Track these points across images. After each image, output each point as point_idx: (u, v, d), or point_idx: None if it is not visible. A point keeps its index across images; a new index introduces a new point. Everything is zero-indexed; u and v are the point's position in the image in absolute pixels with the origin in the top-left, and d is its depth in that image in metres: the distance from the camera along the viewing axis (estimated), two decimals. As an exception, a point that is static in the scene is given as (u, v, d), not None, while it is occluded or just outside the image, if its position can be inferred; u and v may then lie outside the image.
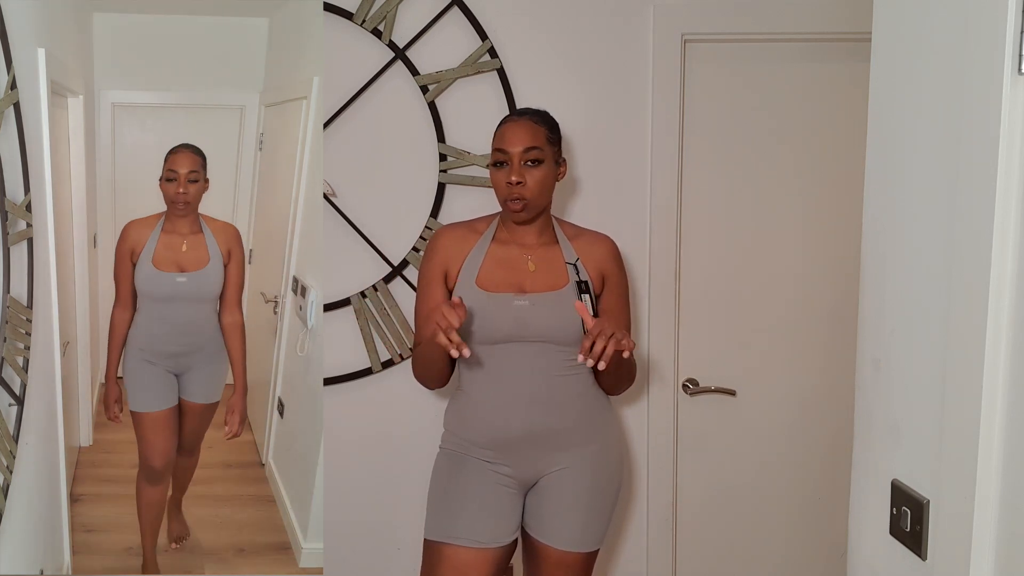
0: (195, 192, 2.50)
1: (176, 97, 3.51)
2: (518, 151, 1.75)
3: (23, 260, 1.84)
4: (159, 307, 2.53)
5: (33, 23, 2.05)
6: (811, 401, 2.36)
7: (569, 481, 1.81)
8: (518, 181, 1.74)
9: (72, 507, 2.51)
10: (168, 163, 2.47)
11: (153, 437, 2.52)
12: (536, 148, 1.76)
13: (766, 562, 2.43)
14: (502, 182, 1.77)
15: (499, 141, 1.78)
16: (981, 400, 0.84)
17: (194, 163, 2.47)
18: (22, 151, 1.80)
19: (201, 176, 2.51)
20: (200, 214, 2.59)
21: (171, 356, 2.56)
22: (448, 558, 1.75)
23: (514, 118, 1.81)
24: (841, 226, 2.27)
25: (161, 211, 2.55)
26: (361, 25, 2.11)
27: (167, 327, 2.54)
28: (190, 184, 2.47)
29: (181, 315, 2.54)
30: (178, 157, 2.46)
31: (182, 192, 2.45)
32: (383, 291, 2.19)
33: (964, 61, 0.85)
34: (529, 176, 1.75)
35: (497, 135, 1.80)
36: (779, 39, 2.23)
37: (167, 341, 2.54)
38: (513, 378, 1.78)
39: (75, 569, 2.48)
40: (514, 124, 1.79)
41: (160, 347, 2.54)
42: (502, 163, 1.77)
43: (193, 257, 2.53)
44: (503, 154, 1.76)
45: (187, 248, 2.52)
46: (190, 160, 2.46)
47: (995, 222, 0.81)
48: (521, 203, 1.75)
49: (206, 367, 2.62)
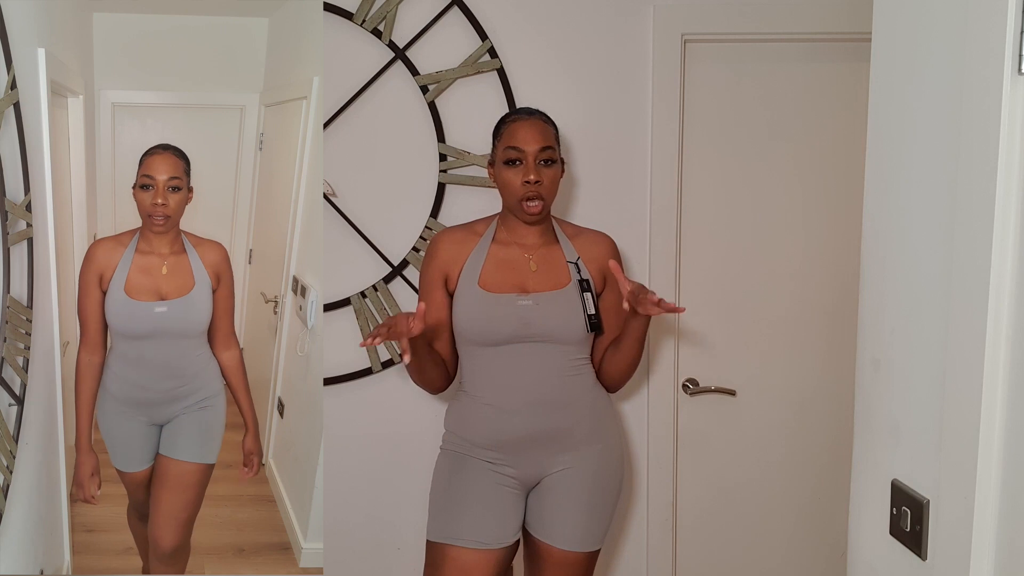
0: (176, 203, 2.06)
1: (176, 97, 3.51)
2: (534, 150, 1.75)
3: (23, 260, 1.84)
4: (134, 346, 2.10)
5: (33, 23, 2.05)
6: (811, 401, 2.36)
7: (572, 481, 1.81)
8: (536, 180, 1.74)
9: (72, 507, 2.51)
10: (143, 167, 2.05)
11: (141, 494, 2.21)
12: (550, 147, 1.77)
13: (766, 562, 2.43)
14: (516, 181, 1.76)
15: (512, 139, 1.77)
16: (981, 400, 0.84)
17: (175, 168, 2.06)
18: (22, 151, 1.80)
19: (184, 184, 2.09)
20: (182, 231, 2.18)
21: (150, 405, 2.13)
22: (451, 559, 1.75)
23: (523, 117, 1.80)
24: (841, 226, 2.27)
25: (135, 227, 2.13)
26: (361, 25, 2.11)
27: (144, 370, 2.10)
28: (171, 193, 2.05)
29: (161, 354, 2.11)
30: (155, 160, 2.05)
31: (160, 204, 2.03)
32: (383, 291, 2.19)
33: (964, 61, 0.85)
34: (545, 175, 1.76)
35: (507, 133, 1.78)
36: (779, 39, 2.23)
37: (145, 387, 2.11)
38: (516, 379, 1.78)
39: (75, 569, 2.47)
40: (526, 123, 1.78)
41: (136, 395, 2.12)
42: (515, 161, 1.76)
43: (175, 283, 2.10)
44: (517, 152, 1.75)
45: (168, 272, 2.10)
46: (170, 164, 2.05)
47: (995, 222, 0.81)
48: (539, 203, 1.76)
49: (194, 417, 2.17)
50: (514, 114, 1.84)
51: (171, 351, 2.13)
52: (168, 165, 2.05)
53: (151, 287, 2.09)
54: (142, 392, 2.12)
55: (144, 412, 2.13)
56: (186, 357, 2.15)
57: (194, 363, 2.17)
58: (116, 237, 2.13)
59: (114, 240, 2.13)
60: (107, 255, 2.08)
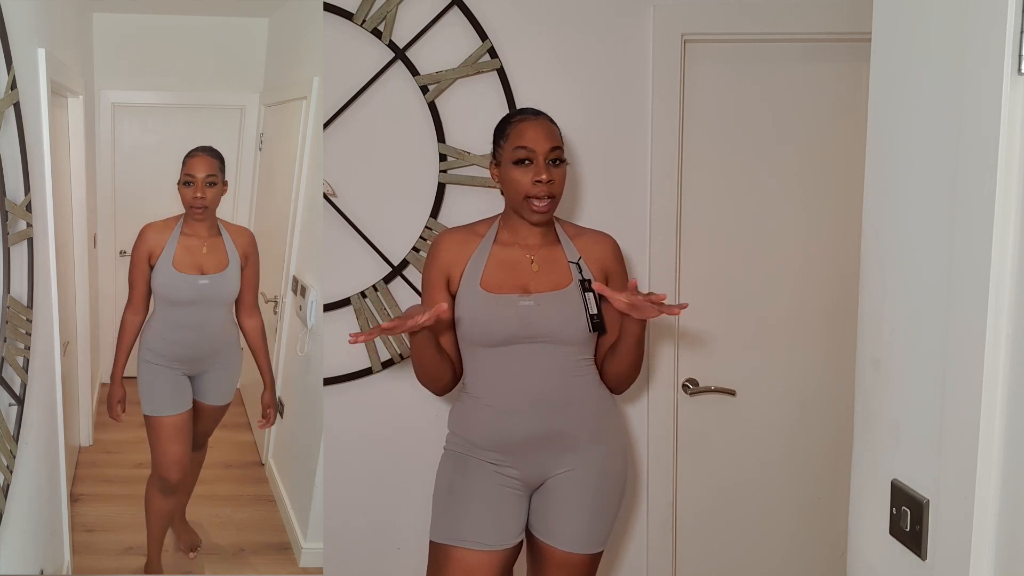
0: (213, 196, 2.50)
1: (176, 97, 3.51)
2: (545, 149, 1.75)
3: (23, 260, 1.84)
4: (178, 311, 2.53)
5: (33, 23, 2.05)
6: (811, 401, 2.36)
7: (576, 482, 1.81)
8: (549, 179, 1.74)
9: (72, 507, 2.51)
10: (186, 167, 2.48)
11: (169, 444, 2.52)
12: (559, 147, 1.78)
13: (766, 562, 2.43)
14: (526, 181, 1.75)
15: (521, 139, 1.76)
16: (981, 400, 0.84)
17: (211, 166, 2.47)
18: (22, 151, 1.80)
19: (219, 179, 2.51)
20: (217, 218, 2.60)
21: (187, 360, 2.56)
22: (455, 560, 1.75)
23: (530, 117, 1.80)
24: (841, 226, 2.27)
25: (178, 214, 2.56)
26: (361, 25, 2.11)
27: (185, 331, 2.54)
28: (208, 188, 2.47)
29: (199, 319, 2.55)
30: (195, 161, 2.46)
31: (200, 196, 2.46)
32: (383, 291, 2.19)
33: (964, 61, 0.85)
34: (555, 174, 1.76)
35: (514, 133, 1.78)
36: (779, 39, 2.23)
37: (185, 345, 2.54)
38: (518, 380, 1.78)
39: (75, 569, 2.47)
40: (535, 123, 1.78)
41: (177, 352, 2.54)
42: (524, 161, 1.76)
43: (213, 260, 2.54)
44: (527, 151, 1.75)
45: (207, 251, 2.54)
46: (207, 164, 2.46)
47: (995, 222, 0.81)
48: (549, 201, 1.76)
49: (222, 370, 2.64)
50: (519, 114, 1.83)
51: (206, 316, 2.57)
52: (206, 164, 2.46)
53: (194, 263, 2.52)
54: (181, 349, 2.54)
55: (179, 365, 2.55)
56: (218, 321, 2.60)
57: (224, 326, 2.62)
58: (164, 222, 2.55)
59: (162, 224, 2.55)
60: (156, 236, 2.51)
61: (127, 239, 3.67)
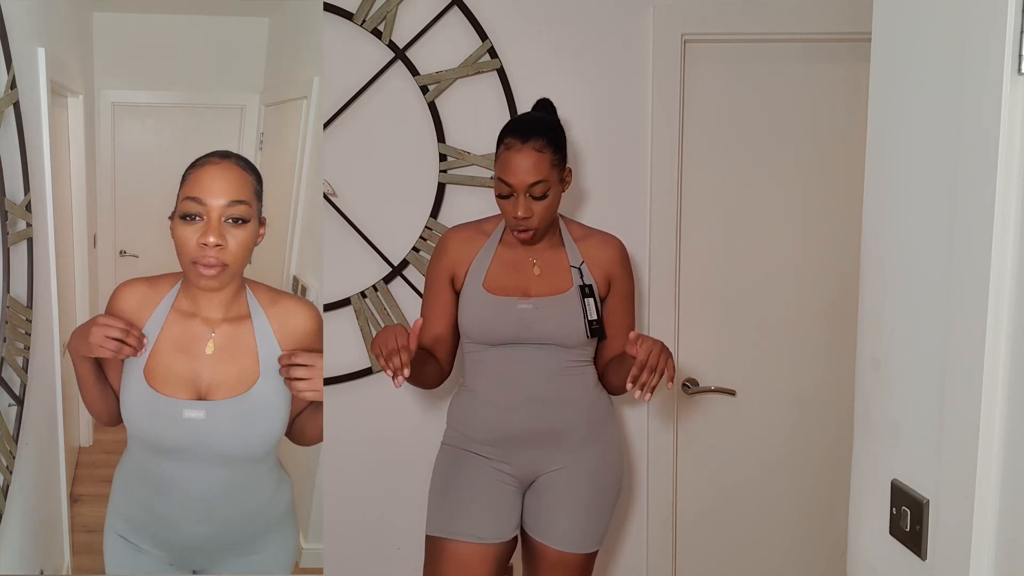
0: (240, 245, 1.36)
1: (176, 97, 3.51)
2: (525, 185, 1.71)
3: (23, 260, 1.84)
4: (161, 464, 1.42)
5: (33, 23, 2.05)
6: (811, 401, 2.36)
7: (568, 481, 1.82)
8: (525, 216, 1.72)
9: (72, 507, 2.51)
10: (187, 186, 1.33)
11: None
12: (542, 182, 1.71)
13: (766, 562, 2.43)
14: (508, 213, 1.75)
15: (504, 171, 1.72)
16: (981, 400, 0.84)
17: (241, 188, 1.35)
18: (22, 151, 1.80)
19: (254, 213, 1.38)
20: (247, 280, 1.47)
21: (179, 548, 1.47)
22: (451, 554, 1.76)
23: (518, 145, 1.71)
24: (841, 226, 2.27)
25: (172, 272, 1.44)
26: (361, 25, 2.11)
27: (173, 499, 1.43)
28: (233, 226, 1.33)
29: (202, 479, 1.42)
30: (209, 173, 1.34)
31: (214, 243, 1.31)
32: (383, 291, 2.19)
33: (964, 61, 0.85)
34: (536, 208, 1.73)
35: (501, 162, 1.73)
36: (779, 39, 2.23)
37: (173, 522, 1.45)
38: (517, 378, 1.80)
39: (75, 569, 2.47)
40: (519, 155, 1.70)
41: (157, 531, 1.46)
42: (507, 194, 1.73)
43: (228, 371, 1.39)
44: (507, 187, 1.72)
45: (215, 350, 1.38)
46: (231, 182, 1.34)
47: (995, 222, 0.81)
48: (529, 233, 1.76)
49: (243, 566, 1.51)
50: (513, 133, 1.74)
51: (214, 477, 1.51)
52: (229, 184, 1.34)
53: (186, 376, 1.48)
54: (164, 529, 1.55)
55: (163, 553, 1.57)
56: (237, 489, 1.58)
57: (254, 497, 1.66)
58: (148, 282, 1.49)
59: (147, 285, 1.49)
60: (140, 305, 1.48)
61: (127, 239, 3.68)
